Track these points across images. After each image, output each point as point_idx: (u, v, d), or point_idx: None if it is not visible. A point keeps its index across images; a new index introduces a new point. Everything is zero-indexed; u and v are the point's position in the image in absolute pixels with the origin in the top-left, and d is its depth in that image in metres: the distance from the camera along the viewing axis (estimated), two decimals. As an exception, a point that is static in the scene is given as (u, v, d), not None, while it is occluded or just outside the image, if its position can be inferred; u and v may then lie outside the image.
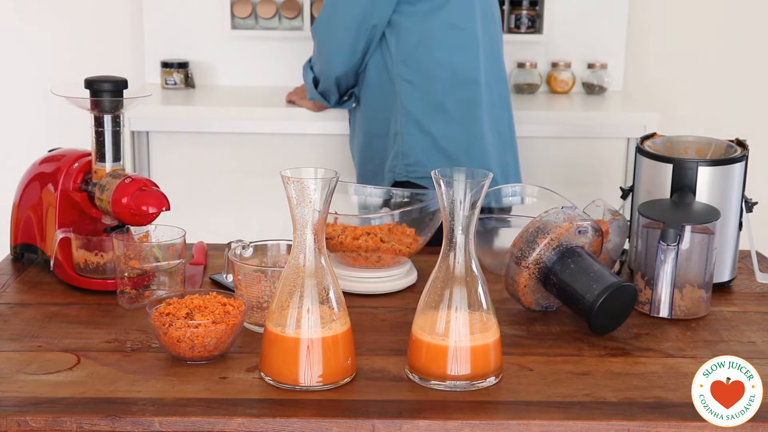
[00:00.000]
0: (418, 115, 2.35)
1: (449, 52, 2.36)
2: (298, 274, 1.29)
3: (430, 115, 2.35)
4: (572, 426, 1.22)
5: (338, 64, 2.43)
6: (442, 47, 2.35)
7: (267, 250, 1.59)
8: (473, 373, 1.30)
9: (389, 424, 1.21)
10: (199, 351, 1.35)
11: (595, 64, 3.41)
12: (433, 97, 2.35)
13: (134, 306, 1.57)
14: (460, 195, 1.27)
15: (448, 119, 2.36)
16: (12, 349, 1.41)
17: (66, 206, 1.68)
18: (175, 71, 3.33)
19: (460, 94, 2.36)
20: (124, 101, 1.63)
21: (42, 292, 1.64)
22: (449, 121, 2.36)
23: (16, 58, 3.47)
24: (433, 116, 2.35)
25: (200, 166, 3.25)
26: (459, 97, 2.36)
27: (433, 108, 2.35)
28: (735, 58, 3.49)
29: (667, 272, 1.53)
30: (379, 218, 1.67)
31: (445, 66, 2.35)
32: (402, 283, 1.67)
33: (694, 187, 1.64)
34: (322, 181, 1.26)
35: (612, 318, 1.49)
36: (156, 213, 1.58)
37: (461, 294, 1.30)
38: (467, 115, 2.38)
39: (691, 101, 3.52)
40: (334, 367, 1.30)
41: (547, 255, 1.52)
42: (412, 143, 2.36)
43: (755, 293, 1.70)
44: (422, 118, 2.35)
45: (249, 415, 1.22)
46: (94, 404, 1.24)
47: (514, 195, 1.88)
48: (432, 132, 2.35)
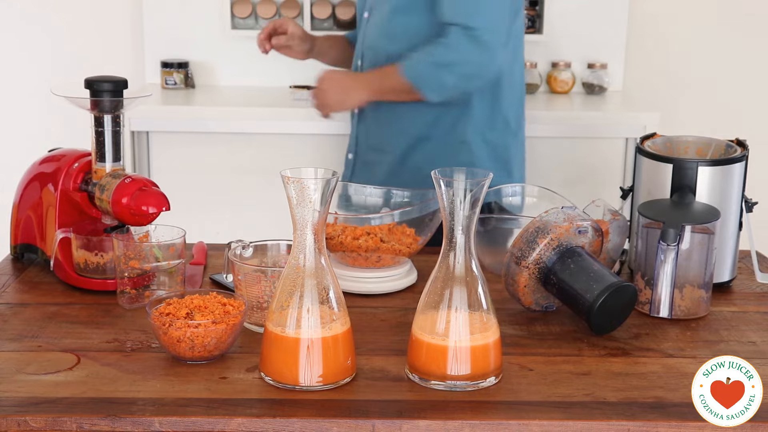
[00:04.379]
0: (485, 126, 2.30)
1: (520, 64, 2.35)
2: (298, 274, 1.29)
3: (497, 126, 2.32)
4: (572, 426, 1.22)
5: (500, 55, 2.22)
6: (518, 59, 2.33)
7: (267, 250, 1.59)
8: (473, 373, 1.30)
9: (389, 424, 1.21)
10: (199, 351, 1.35)
11: (595, 64, 3.42)
12: (498, 109, 2.31)
13: (134, 306, 1.57)
14: (460, 195, 1.27)
15: (509, 131, 2.34)
16: (12, 349, 1.41)
17: (66, 206, 1.68)
18: (175, 71, 3.34)
19: (519, 106, 2.36)
20: (124, 101, 1.63)
21: (42, 292, 1.64)
22: (509, 133, 2.34)
23: (16, 58, 3.47)
24: (498, 127, 2.32)
25: (200, 166, 3.25)
26: (518, 110, 2.36)
27: (499, 119, 2.32)
28: (735, 58, 3.49)
29: (667, 272, 1.53)
30: (379, 218, 1.67)
31: (516, 78, 2.33)
32: (402, 283, 1.67)
33: (694, 187, 1.64)
34: (322, 181, 1.26)
35: (612, 318, 1.49)
36: (156, 213, 1.58)
37: (461, 294, 1.30)
38: (520, 128, 2.38)
39: (691, 101, 3.52)
40: (334, 367, 1.30)
41: (547, 255, 1.52)
42: (480, 154, 2.31)
43: (755, 293, 1.70)
44: (488, 129, 2.31)
45: (249, 415, 1.22)
46: (94, 404, 1.24)
47: (514, 195, 1.88)
48: (495, 143, 2.32)
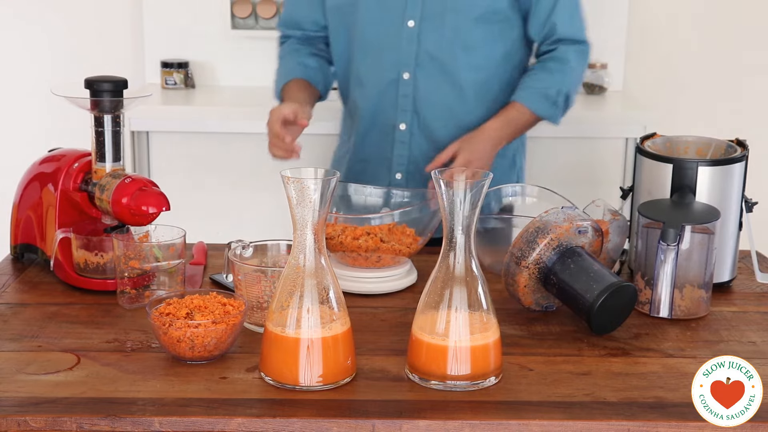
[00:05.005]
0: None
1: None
2: (298, 274, 1.29)
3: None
4: (572, 426, 1.22)
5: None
6: None
7: (267, 250, 1.59)
8: (473, 373, 1.30)
9: (389, 424, 1.21)
10: (199, 351, 1.35)
11: (595, 64, 3.41)
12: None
13: (134, 306, 1.57)
14: (460, 195, 1.27)
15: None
16: (12, 349, 1.41)
17: (66, 206, 1.68)
18: (175, 71, 3.33)
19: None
20: (124, 101, 1.63)
21: (42, 292, 1.64)
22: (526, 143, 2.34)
23: (16, 58, 3.47)
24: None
25: (200, 166, 3.25)
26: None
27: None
28: (735, 58, 3.49)
29: (667, 272, 1.53)
30: (379, 218, 1.67)
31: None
32: (402, 283, 1.67)
33: (694, 187, 1.64)
34: (322, 181, 1.26)
35: (612, 318, 1.49)
36: (156, 213, 1.58)
37: (461, 294, 1.30)
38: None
39: (691, 101, 3.52)
40: (334, 367, 1.30)
41: (547, 255, 1.52)
42: (523, 165, 2.33)
43: (755, 293, 1.70)
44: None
45: (249, 415, 1.22)
46: (94, 404, 1.24)
47: (514, 195, 1.88)
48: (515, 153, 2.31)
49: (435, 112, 2.13)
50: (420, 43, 2.09)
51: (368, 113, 2.17)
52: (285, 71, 2.21)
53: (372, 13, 2.11)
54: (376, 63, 2.13)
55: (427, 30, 2.08)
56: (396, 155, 2.16)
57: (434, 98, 2.12)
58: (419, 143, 2.15)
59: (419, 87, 2.11)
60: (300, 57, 2.21)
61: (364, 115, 2.18)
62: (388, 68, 2.12)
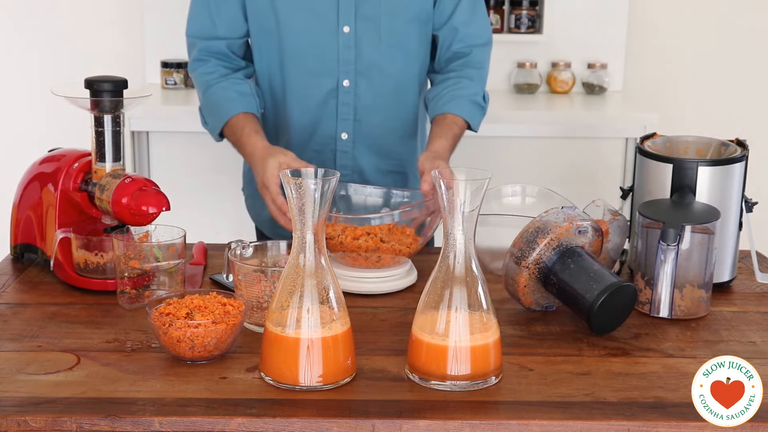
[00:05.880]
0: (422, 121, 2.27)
1: None
2: (298, 274, 1.29)
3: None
4: (572, 426, 1.22)
5: None
6: None
7: (267, 250, 1.59)
8: (473, 373, 1.30)
9: (389, 424, 1.21)
10: (199, 351, 1.35)
11: (595, 64, 3.42)
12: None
13: (134, 306, 1.57)
14: (460, 195, 1.27)
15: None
16: (12, 349, 1.41)
17: (66, 206, 1.68)
18: (175, 71, 3.33)
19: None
20: (124, 101, 1.63)
21: (42, 292, 1.64)
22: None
23: (16, 58, 3.47)
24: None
25: (200, 166, 3.25)
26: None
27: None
28: (735, 58, 3.49)
29: (667, 272, 1.53)
30: (379, 218, 1.67)
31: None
32: (402, 283, 1.67)
33: (694, 187, 1.64)
34: (322, 181, 1.26)
35: (612, 318, 1.49)
36: (156, 213, 1.58)
37: (461, 294, 1.30)
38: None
39: (691, 101, 3.52)
40: (334, 367, 1.30)
41: (547, 255, 1.52)
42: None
43: (755, 293, 1.70)
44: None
45: (249, 415, 1.22)
46: (94, 404, 1.24)
47: (514, 195, 1.88)
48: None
49: (377, 117, 2.06)
50: (358, 49, 2.01)
51: (304, 126, 2.06)
52: (224, 106, 2.01)
53: (300, 20, 2.00)
54: (311, 72, 2.02)
55: (364, 35, 2.00)
56: (339, 166, 2.07)
57: (376, 104, 2.05)
58: (362, 151, 2.07)
59: (360, 94, 2.03)
60: (235, 85, 2.02)
61: (300, 128, 2.06)
62: (325, 77, 2.02)
